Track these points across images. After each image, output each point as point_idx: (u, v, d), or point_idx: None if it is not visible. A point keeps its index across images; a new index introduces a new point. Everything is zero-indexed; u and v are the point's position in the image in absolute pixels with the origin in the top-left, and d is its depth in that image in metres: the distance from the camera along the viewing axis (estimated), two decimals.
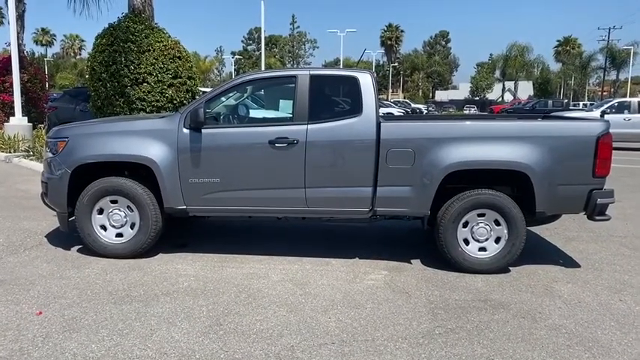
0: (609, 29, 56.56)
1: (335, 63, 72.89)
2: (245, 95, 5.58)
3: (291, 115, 4.90)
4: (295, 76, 4.93)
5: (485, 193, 4.67)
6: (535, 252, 5.32)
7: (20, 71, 14.36)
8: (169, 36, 10.38)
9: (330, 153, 4.78)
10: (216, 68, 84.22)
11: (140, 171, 4.93)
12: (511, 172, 4.64)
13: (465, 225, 4.74)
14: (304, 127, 4.76)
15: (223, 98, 5.17)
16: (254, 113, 5.77)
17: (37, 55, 68.42)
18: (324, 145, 4.77)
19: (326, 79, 5.18)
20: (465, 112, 48.86)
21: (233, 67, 76.91)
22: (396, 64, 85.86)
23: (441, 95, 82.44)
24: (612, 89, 62.66)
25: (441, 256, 4.84)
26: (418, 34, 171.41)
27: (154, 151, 4.83)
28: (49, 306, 3.87)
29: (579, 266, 5.05)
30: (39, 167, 10.77)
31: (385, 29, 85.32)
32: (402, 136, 4.76)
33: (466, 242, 4.76)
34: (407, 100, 57.40)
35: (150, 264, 4.88)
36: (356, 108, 4.82)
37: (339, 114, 4.95)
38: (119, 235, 5.01)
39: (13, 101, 14.20)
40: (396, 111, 32.66)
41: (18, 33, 15.68)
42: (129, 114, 9.46)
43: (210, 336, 3.45)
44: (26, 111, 15.01)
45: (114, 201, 4.96)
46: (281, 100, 5.47)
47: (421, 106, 52.38)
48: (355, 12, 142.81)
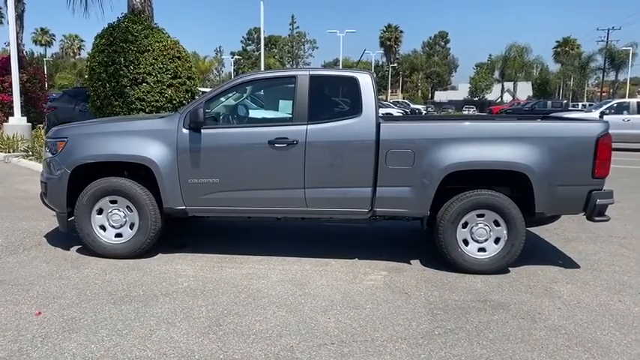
0: (608, 30, 56.72)
1: (334, 63, 73.00)
2: (245, 95, 5.58)
3: (290, 116, 4.89)
4: (295, 77, 4.93)
5: (484, 194, 4.67)
6: (534, 252, 5.33)
7: (19, 71, 14.34)
8: (169, 36, 10.39)
9: (330, 153, 4.78)
10: (215, 68, 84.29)
11: (139, 171, 4.93)
12: (510, 173, 4.64)
13: (465, 225, 4.74)
14: (304, 128, 4.76)
15: (223, 98, 5.17)
16: (254, 113, 5.77)
17: (36, 55, 68.36)
18: (324, 146, 4.77)
19: (326, 80, 5.18)
20: (464, 113, 48.90)
21: (232, 68, 76.91)
22: (395, 65, 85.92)
23: (440, 96, 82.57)
24: (611, 90, 62.76)
25: (441, 257, 4.84)
26: (417, 35, 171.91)
27: (154, 152, 4.83)
28: (48, 306, 3.87)
29: (579, 267, 5.06)
30: (38, 167, 10.77)
31: (384, 30, 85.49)
32: (402, 137, 4.76)
33: (465, 243, 4.76)
34: (406, 101, 57.43)
35: (149, 264, 4.88)
36: (355, 108, 4.82)
37: (339, 114, 4.95)
38: (118, 236, 5.01)
39: (12, 101, 14.19)
40: (395, 111, 32.70)
41: (17, 33, 15.68)
42: (128, 114, 9.46)
43: (209, 336, 3.45)
44: (25, 111, 15.01)
45: (113, 201, 4.96)
46: (280, 101, 5.47)
47: (420, 107, 52.40)
48: (354, 12, 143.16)
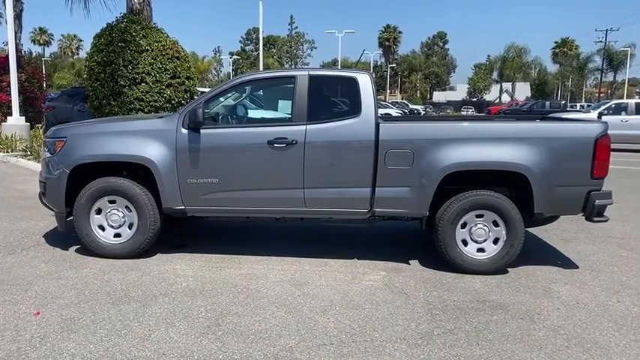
0: (606, 31, 56.83)
1: (333, 63, 73.07)
2: (244, 95, 5.57)
3: (290, 116, 4.89)
4: (294, 77, 4.92)
5: (483, 194, 4.67)
6: (533, 253, 5.33)
7: (18, 71, 14.33)
8: (168, 36, 10.38)
9: (329, 153, 4.78)
10: (214, 68, 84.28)
11: (138, 171, 4.92)
12: (509, 174, 4.64)
13: (464, 226, 4.74)
14: (303, 128, 4.76)
15: (222, 98, 5.16)
16: (253, 113, 5.76)
17: (35, 55, 68.31)
18: (323, 146, 4.76)
19: (325, 80, 5.17)
20: (463, 113, 48.98)
21: (231, 68, 76.91)
22: (394, 65, 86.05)
23: (439, 96, 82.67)
24: (609, 90, 62.87)
25: (440, 257, 4.84)
26: (416, 35, 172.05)
27: (153, 151, 4.82)
28: (47, 306, 3.86)
29: (577, 267, 5.06)
30: (36, 167, 10.74)
31: (383, 30, 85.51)
32: (401, 137, 4.76)
33: (464, 243, 4.76)
34: (405, 101, 57.45)
35: (148, 264, 4.87)
36: (355, 108, 4.82)
37: (338, 114, 4.95)
38: (117, 236, 5.00)
39: (11, 101, 14.19)
40: (394, 112, 32.70)
41: (15, 32, 15.64)
42: (127, 114, 9.45)
43: (208, 336, 3.44)
44: (23, 111, 15.00)
45: (112, 201, 4.95)
46: (280, 101, 5.46)
47: (419, 107, 52.49)
48: (353, 13, 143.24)
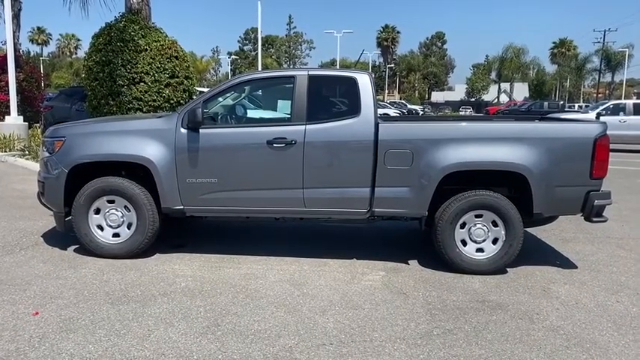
0: (604, 31, 56.89)
1: (331, 63, 73.09)
2: (243, 95, 5.57)
3: (289, 116, 4.89)
4: (294, 77, 4.92)
5: (482, 194, 4.67)
6: (532, 253, 5.33)
7: (16, 70, 14.30)
8: (166, 36, 10.37)
9: (328, 153, 4.77)
10: (212, 68, 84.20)
11: (137, 171, 4.91)
12: (509, 174, 4.64)
13: (463, 226, 4.74)
14: (302, 128, 4.75)
15: (221, 98, 5.16)
16: (252, 113, 5.76)
17: (33, 54, 68.23)
18: (322, 146, 4.76)
19: (324, 80, 5.17)
20: (461, 114, 49.00)
21: (229, 67, 76.85)
22: (392, 65, 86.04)
23: (437, 96, 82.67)
24: (607, 91, 62.99)
25: (439, 257, 4.84)
26: (414, 36, 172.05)
27: (152, 151, 4.81)
28: (46, 306, 3.85)
29: (576, 267, 5.06)
30: (34, 166, 10.72)
31: (381, 30, 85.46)
32: (400, 137, 4.76)
33: (464, 243, 4.76)
34: (403, 101, 57.51)
35: (147, 264, 4.86)
36: (354, 109, 4.82)
37: (338, 114, 4.95)
38: (116, 235, 4.99)
39: (9, 100, 14.16)
40: (393, 112, 32.75)
41: (14, 32, 15.61)
42: (125, 114, 9.44)
43: (208, 336, 3.44)
44: (22, 110, 14.97)
45: (111, 201, 4.94)
46: (279, 101, 5.46)
47: (417, 107, 52.53)
48: (351, 13, 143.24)
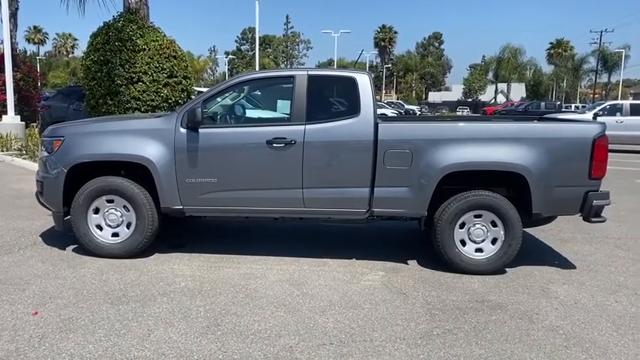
0: (601, 32, 56.99)
1: (329, 63, 72.95)
2: (242, 95, 5.56)
3: (288, 116, 4.89)
4: (293, 77, 4.92)
5: (482, 195, 4.68)
6: (531, 253, 5.34)
7: (13, 69, 14.26)
8: (165, 35, 10.36)
9: (328, 153, 4.78)
10: (209, 68, 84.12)
11: (136, 170, 4.91)
12: (508, 174, 4.65)
13: (462, 226, 4.75)
14: (302, 128, 4.75)
15: (220, 98, 5.15)
16: (251, 113, 5.75)
17: (29, 54, 68.00)
18: (322, 146, 4.76)
19: (324, 80, 5.16)
20: (458, 114, 49.06)
21: (226, 67, 76.80)
22: (390, 65, 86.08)
23: (434, 96, 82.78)
24: (604, 91, 63.18)
25: (438, 257, 4.85)
26: (411, 36, 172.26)
27: (151, 151, 4.80)
28: (45, 306, 3.84)
29: (575, 267, 5.08)
30: (32, 166, 10.70)
31: (379, 30, 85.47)
32: (400, 137, 4.77)
33: (463, 243, 4.77)
34: (400, 102, 57.51)
35: (146, 264, 4.86)
36: (354, 109, 4.82)
37: (337, 114, 4.95)
38: (115, 235, 4.98)
39: (6, 100, 14.11)
40: (390, 112, 32.76)
41: (11, 31, 15.57)
42: (124, 113, 9.42)
43: (208, 336, 3.44)
44: (19, 110, 14.92)
45: (110, 200, 4.93)
46: (279, 101, 5.45)
47: (414, 108, 52.54)
48: (349, 13, 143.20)
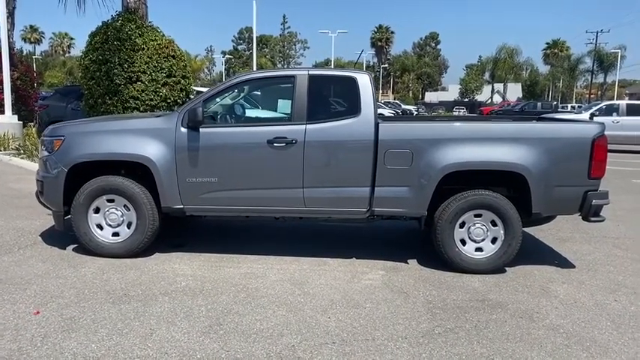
0: (597, 32, 57.20)
1: (325, 63, 73.08)
2: (243, 95, 5.57)
3: (289, 115, 4.90)
4: (294, 76, 4.93)
5: (482, 194, 4.70)
6: (530, 253, 5.37)
7: (10, 69, 14.22)
8: (163, 35, 10.33)
9: (329, 153, 4.78)
10: (206, 68, 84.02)
11: (137, 170, 4.90)
12: (508, 173, 4.67)
13: (462, 225, 4.77)
14: (303, 127, 4.76)
15: (221, 98, 5.15)
16: (252, 113, 5.76)
17: (25, 53, 67.72)
18: (323, 145, 4.77)
19: (324, 80, 5.17)
20: (455, 114, 49.15)
21: (223, 67, 76.72)
22: (387, 66, 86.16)
23: (431, 97, 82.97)
24: (599, 92, 63.37)
25: (438, 257, 4.87)
26: (408, 36, 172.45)
27: (152, 150, 4.80)
28: (47, 305, 3.84)
29: (574, 267, 5.10)
30: (30, 166, 10.68)
31: (375, 30, 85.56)
32: (400, 137, 4.78)
33: (463, 242, 4.79)
34: (397, 102, 57.56)
35: (147, 263, 4.86)
36: (354, 108, 4.83)
37: (338, 114, 4.96)
38: (115, 235, 4.98)
39: (3, 99, 14.07)
40: (387, 112, 32.73)
41: (8, 30, 15.52)
42: (122, 113, 9.41)
43: (210, 335, 3.44)
44: (16, 109, 14.87)
45: (110, 200, 4.93)
46: (279, 100, 5.45)
47: (411, 108, 52.61)
48: (345, 13, 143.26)
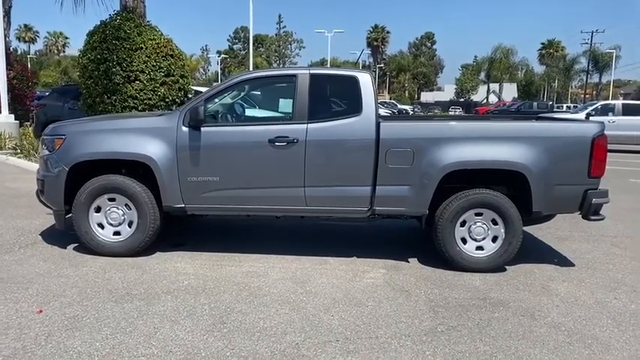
0: (592, 33, 57.43)
1: (321, 63, 72.86)
2: (244, 94, 5.57)
3: (290, 114, 4.91)
4: (295, 75, 4.93)
5: (482, 193, 4.73)
6: (530, 251, 5.39)
7: (6, 68, 14.17)
8: (162, 34, 10.30)
9: (330, 152, 4.80)
10: (202, 67, 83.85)
11: (138, 169, 4.90)
12: (508, 172, 4.69)
13: (463, 224, 4.79)
14: (304, 127, 4.77)
15: (222, 97, 5.16)
16: (254, 112, 5.76)
17: (20, 52, 67.39)
18: (324, 145, 4.78)
19: (326, 79, 5.19)
20: (451, 114, 49.25)
21: (219, 67, 76.58)
22: (382, 65, 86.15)
23: (427, 96, 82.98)
24: (595, 92, 63.65)
25: (439, 255, 4.89)
26: (404, 36, 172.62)
27: (153, 149, 4.80)
28: (49, 304, 3.84)
29: (573, 265, 5.14)
30: (27, 165, 10.66)
31: (371, 30, 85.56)
32: (402, 136, 4.80)
33: (464, 241, 4.81)
34: (393, 101, 57.61)
35: (148, 262, 4.85)
36: (355, 107, 4.84)
37: (339, 113, 4.98)
38: (117, 234, 4.97)
39: (0, 98, 14.01)
40: (383, 112, 32.66)
41: (4, 29, 15.46)
42: (121, 112, 9.39)
43: (214, 334, 3.45)
44: (12, 108, 14.82)
45: (112, 199, 4.92)
46: (281, 99, 5.46)
47: (407, 107, 52.67)
48: (341, 12, 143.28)
